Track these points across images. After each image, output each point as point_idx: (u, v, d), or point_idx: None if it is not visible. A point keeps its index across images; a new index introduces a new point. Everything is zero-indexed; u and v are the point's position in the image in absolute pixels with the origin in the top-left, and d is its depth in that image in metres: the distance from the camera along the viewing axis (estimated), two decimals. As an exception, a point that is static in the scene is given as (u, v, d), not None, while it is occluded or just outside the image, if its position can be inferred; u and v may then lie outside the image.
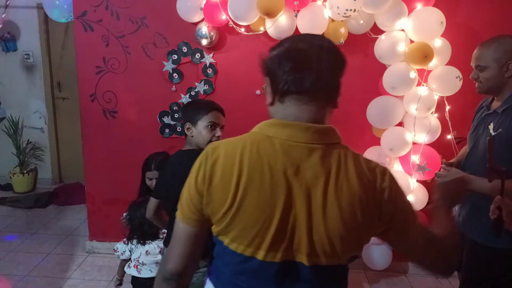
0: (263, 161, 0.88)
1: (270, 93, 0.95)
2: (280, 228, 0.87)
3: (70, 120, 4.40)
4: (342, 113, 2.77)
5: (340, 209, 0.87)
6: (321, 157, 0.88)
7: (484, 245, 1.67)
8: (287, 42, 0.94)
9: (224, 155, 0.91)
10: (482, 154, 1.69)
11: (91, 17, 2.79)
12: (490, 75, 1.66)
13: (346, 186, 0.88)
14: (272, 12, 2.30)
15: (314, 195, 0.87)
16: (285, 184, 0.87)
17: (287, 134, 0.89)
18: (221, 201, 0.89)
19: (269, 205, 0.87)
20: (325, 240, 0.87)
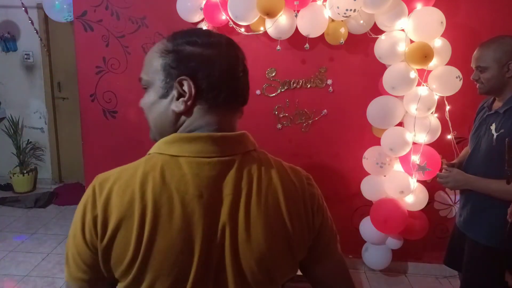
0: (171, 190, 0.70)
1: (192, 97, 0.74)
2: (202, 267, 0.71)
3: (70, 120, 4.41)
4: (342, 113, 2.79)
5: (267, 227, 0.73)
6: (239, 170, 0.74)
7: (485, 245, 1.67)
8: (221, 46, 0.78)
9: (117, 191, 0.71)
10: (483, 154, 1.69)
11: (91, 17, 2.79)
12: (490, 76, 1.66)
13: (272, 198, 0.75)
14: (272, 12, 2.30)
15: (237, 216, 0.72)
16: (202, 213, 0.71)
17: (195, 150, 0.72)
18: (123, 250, 0.70)
19: (185, 244, 0.70)
20: (255, 268, 0.73)
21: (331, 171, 2.87)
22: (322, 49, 2.67)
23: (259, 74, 2.75)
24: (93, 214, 0.71)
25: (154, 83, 0.78)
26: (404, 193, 2.52)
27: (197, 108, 0.76)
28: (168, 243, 0.70)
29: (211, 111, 0.76)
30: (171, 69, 0.75)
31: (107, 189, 0.72)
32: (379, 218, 2.60)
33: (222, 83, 0.75)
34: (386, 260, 2.80)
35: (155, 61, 0.78)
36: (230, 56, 0.78)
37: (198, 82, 0.74)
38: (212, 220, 0.72)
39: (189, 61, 0.74)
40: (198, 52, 0.75)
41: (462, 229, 1.83)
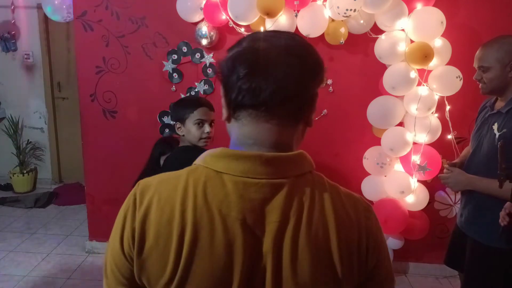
0: (212, 210, 0.65)
1: (225, 106, 0.71)
2: None
3: (70, 120, 4.40)
4: (342, 113, 2.78)
5: (315, 263, 0.66)
6: (289, 195, 0.66)
7: (486, 245, 1.67)
8: (246, 41, 0.70)
9: (158, 203, 0.67)
10: (485, 154, 1.69)
11: (91, 17, 2.78)
12: (493, 76, 1.65)
13: (322, 231, 0.67)
14: (272, 12, 2.30)
15: (284, 247, 0.65)
16: (244, 239, 0.64)
17: (242, 169, 0.66)
18: (159, 271, 0.65)
19: (225, 269, 0.64)
20: None
21: (331, 171, 2.87)
22: (322, 49, 2.67)
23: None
24: (132, 226, 0.67)
25: None
26: (404, 193, 2.52)
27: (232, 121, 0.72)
28: (207, 269, 0.64)
29: (239, 119, 0.70)
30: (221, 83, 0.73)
31: (147, 201, 0.67)
32: (380, 219, 2.58)
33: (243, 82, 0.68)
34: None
35: None
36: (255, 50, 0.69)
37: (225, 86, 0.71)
38: (254, 249, 0.65)
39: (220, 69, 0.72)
40: (225, 58, 0.72)
41: (463, 229, 1.82)
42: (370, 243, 0.70)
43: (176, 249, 0.64)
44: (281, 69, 0.66)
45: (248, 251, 0.65)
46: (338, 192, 0.72)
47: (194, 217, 0.64)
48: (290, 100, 0.67)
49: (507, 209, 1.31)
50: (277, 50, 0.67)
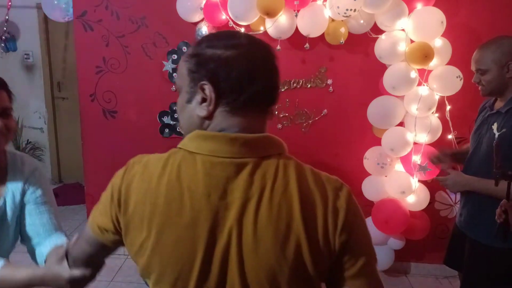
0: (182, 187, 0.71)
1: (213, 102, 0.74)
2: (205, 268, 0.71)
3: (70, 120, 4.40)
4: (342, 113, 2.78)
5: (277, 238, 0.69)
6: (252, 174, 0.71)
7: (486, 244, 1.67)
8: (241, 47, 0.75)
9: (141, 175, 0.76)
10: (485, 154, 1.69)
11: (91, 17, 2.78)
12: (491, 78, 1.66)
13: (285, 208, 0.70)
14: (272, 12, 2.30)
15: (245, 221, 0.69)
16: (209, 212, 0.70)
17: (210, 149, 0.72)
18: (137, 234, 0.74)
19: (190, 241, 0.70)
20: (263, 279, 0.69)
21: (332, 171, 2.82)
22: (322, 49, 2.67)
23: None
24: (120, 187, 0.77)
25: (182, 88, 0.79)
26: (405, 193, 2.52)
27: (219, 111, 0.74)
28: (175, 238, 0.71)
29: (233, 114, 0.74)
30: (193, 73, 0.76)
31: (134, 171, 0.77)
32: (381, 219, 2.59)
33: (243, 84, 0.73)
34: (388, 260, 2.79)
35: (182, 67, 0.79)
36: (251, 56, 0.75)
37: (219, 85, 0.73)
38: (218, 222, 0.70)
39: (208, 64, 0.74)
40: (217, 54, 0.74)
41: (462, 228, 1.82)
42: (339, 221, 0.72)
43: (149, 218, 0.72)
44: (269, 74, 0.78)
45: (212, 226, 0.70)
46: (305, 173, 0.75)
47: (166, 191, 0.72)
48: (270, 100, 0.78)
49: (503, 207, 1.32)
50: (262, 59, 0.77)
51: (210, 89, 0.73)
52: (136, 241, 0.74)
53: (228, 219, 0.70)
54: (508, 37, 1.68)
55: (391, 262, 2.80)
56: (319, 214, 0.71)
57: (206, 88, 0.74)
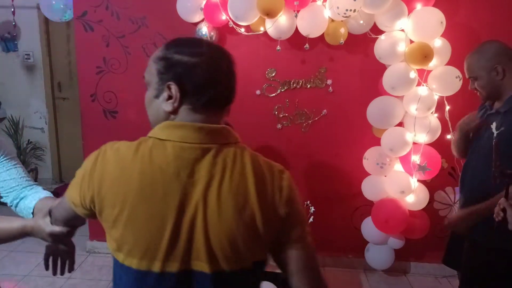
0: (154, 167, 0.83)
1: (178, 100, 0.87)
2: (174, 236, 0.83)
3: (71, 120, 4.40)
4: (342, 114, 2.79)
5: (236, 208, 0.83)
6: (215, 157, 0.85)
7: (484, 244, 1.67)
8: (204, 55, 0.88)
9: (115, 157, 0.87)
10: (484, 153, 1.70)
11: (91, 17, 2.79)
12: (483, 84, 1.70)
13: (242, 184, 0.85)
14: (272, 12, 2.31)
15: (210, 195, 0.83)
16: (179, 188, 0.83)
17: (180, 136, 0.85)
18: (110, 207, 0.85)
19: (161, 214, 0.82)
20: (225, 242, 0.83)
21: (332, 171, 2.87)
22: (322, 49, 2.68)
23: (259, 74, 2.75)
24: (93, 170, 0.88)
25: (151, 84, 0.92)
26: (405, 193, 2.52)
27: (183, 108, 0.88)
28: (148, 212, 0.83)
29: (195, 111, 0.88)
30: (162, 74, 0.88)
31: (108, 154, 0.88)
32: (380, 219, 2.60)
33: (205, 87, 0.87)
34: (388, 260, 2.80)
35: (152, 65, 0.91)
36: (213, 64, 0.88)
37: (184, 86, 0.86)
38: (186, 196, 0.83)
39: (175, 67, 0.87)
40: (184, 60, 0.87)
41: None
42: (283, 196, 0.88)
43: (123, 195, 0.83)
44: (227, 79, 0.90)
45: (181, 200, 0.83)
46: (257, 159, 0.91)
47: (140, 172, 0.83)
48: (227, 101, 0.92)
49: (501, 205, 1.33)
50: (222, 66, 0.89)
51: (176, 89, 0.86)
52: (110, 217, 0.85)
53: (195, 194, 0.84)
54: (491, 41, 1.73)
55: (392, 261, 2.81)
56: (269, 189, 0.87)
57: (172, 88, 0.86)
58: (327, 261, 3.01)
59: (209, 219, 0.83)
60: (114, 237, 0.86)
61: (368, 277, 2.94)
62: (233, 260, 0.85)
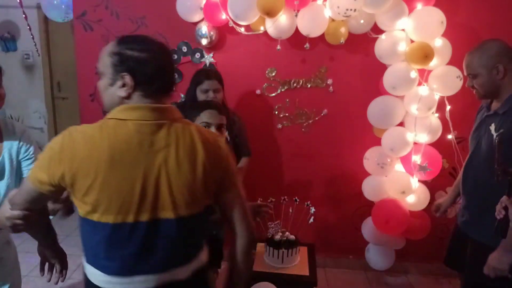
0: (121, 141, 1.04)
1: (129, 87, 1.07)
2: (143, 193, 1.05)
3: (70, 120, 4.40)
4: (342, 113, 2.78)
5: (190, 165, 1.09)
6: (169, 129, 1.09)
7: (488, 245, 1.66)
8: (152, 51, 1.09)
9: (83, 137, 1.04)
10: (484, 155, 1.69)
11: (91, 17, 2.78)
12: (482, 82, 1.68)
13: (193, 147, 1.10)
14: (272, 12, 2.30)
15: (169, 159, 1.07)
16: (143, 156, 1.05)
17: (138, 115, 1.07)
18: (84, 178, 1.02)
19: (131, 177, 1.04)
20: (185, 192, 1.08)
21: (332, 171, 2.87)
22: (323, 49, 2.67)
23: (259, 74, 2.75)
24: (62, 150, 1.04)
25: (105, 74, 1.10)
26: (405, 193, 2.52)
27: (136, 94, 1.09)
28: (120, 176, 1.03)
29: (146, 96, 1.09)
30: (116, 66, 1.07)
31: (74, 135, 1.05)
32: (381, 219, 2.59)
33: (154, 78, 1.08)
34: (389, 260, 2.79)
35: (106, 60, 1.09)
36: (159, 58, 1.10)
37: (136, 77, 1.07)
38: (150, 161, 1.06)
39: (128, 61, 1.07)
40: (135, 55, 1.07)
41: (464, 229, 1.82)
42: (222, 154, 1.17)
43: (96, 166, 1.02)
44: (170, 71, 1.14)
45: (146, 165, 1.05)
46: (199, 129, 1.17)
47: (108, 145, 1.03)
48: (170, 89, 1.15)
49: (503, 203, 1.32)
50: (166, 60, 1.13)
51: (130, 78, 1.07)
52: (83, 186, 1.02)
53: (157, 159, 1.06)
54: (494, 40, 1.71)
55: (392, 261, 2.80)
56: (212, 149, 1.14)
57: (126, 78, 1.07)
58: (327, 261, 3.00)
59: (170, 176, 1.07)
60: (89, 201, 1.03)
61: (368, 277, 2.93)
62: (191, 206, 1.10)
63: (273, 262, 2.28)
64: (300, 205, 2.32)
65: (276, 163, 2.84)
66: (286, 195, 2.37)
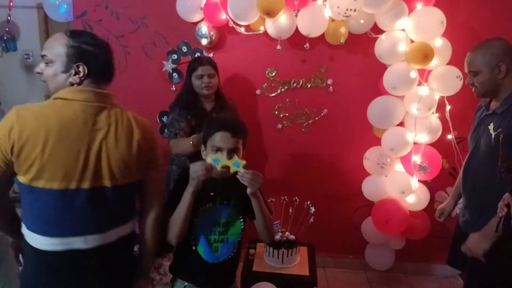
0: (68, 118, 1.21)
1: (84, 75, 1.26)
2: (86, 163, 1.23)
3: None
4: (342, 113, 2.78)
5: (127, 142, 1.30)
6: (110, 112, 1.29)
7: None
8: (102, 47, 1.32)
9: (32, 115, 1.19)
10: (483, 154, 1.69)
11: (91, 17, 2.78)
12: (483, 79, 1.68)
13: (129, 127, 1.32)
14: (272, 12, 2.30)
15: (109, 136, 1.26)
16: (87, 132, 1.23)
17: (84, 97, 1.25)
18: (32, 149, 1.17)
19: (75, 150, 1.21)
20: (121, 164, 1.28)
21: (332, 171, 2.87)
22: (323, 49, 2.67)
23: (259, 74, 2.75)
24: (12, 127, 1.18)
25: (57, 62, 1.26)
26: (405, 193, 2.52)
27: (86, 81, 1.28)
28: (65, 149, 1.20)
29: (94, 83, 1.29)
30: (72, 56, 1.25)
31: (23, 113, 1.20)
32: (381, 219, 2.59)
33: (104, 69, 1.32)
34: (389, 260, 2.79)
35: (59, 48, 1.26)
36: (108, 53, 1.33)
37: (90, 67, 1.27)
38: (93, 137, 1.24)
39: (85, 55, 1.26)
40: (90, 50, 1.27)
41: (464, 229, 1.82)
42: (153, 143, 1.41)
43: (44, 138, 1.18)
44: (113, 63, 1.36)
45: (89, 140, 1.24)
46: (135, 114, 1.39)
47: (57, 121, 1.20)
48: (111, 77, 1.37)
49: (505, 200, 1.32)
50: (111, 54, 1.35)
51: (84, 68, 1.26)
52: (31, 155, 1.17)
53: (99, 135, 1.25)
54: (498, 39, 1.70)
55: (392, 261, 2.80)
56: (147, 133, 1.37)
57: (81, 67, 1.26)
58: (327, 261, 3.00)
59: (109, 150, 1.26)
60: (34, 169, 1.18)
61: (368, 277, 2.93)
62: (125, 177, 1.31)
63: (273, 262, 2.28)
64: (300, 205, 2.32)
65: (276, 163, 2.84)
66: (286, 195, 2.37)
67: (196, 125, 2.28)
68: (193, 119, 2.30)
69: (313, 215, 2.30)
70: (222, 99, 2.45)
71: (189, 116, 2.30)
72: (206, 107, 2.40)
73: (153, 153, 1.39)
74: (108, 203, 1.28)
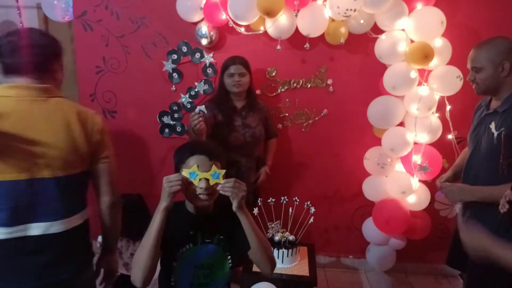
0: (5, 113, 1.25)
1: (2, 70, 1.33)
2: (22, 156, 1.26)
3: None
4: (342, 113, 2.78)
5: (66, 135, 1.32)
6: (45, 104, 1.32)
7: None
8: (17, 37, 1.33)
9: None
10: (484, 153, 1.69)
11: (91, 17, 2.78)
12: (486, 76, 1.68)
13: (68, 121, 1.34)
14: (272, 12, 2.30)
15: (45, 129, 1.30)
16: (24, 126, 1.27)
17: (15, 93, 1.30)
18: None
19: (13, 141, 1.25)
20: (60, 156, 1.31)
21: (332, 171, 2.87)
22: (322, 49, 2.67)
23: (259, 74, 2.74)
24: None
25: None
26: (406, 194, 2.52)
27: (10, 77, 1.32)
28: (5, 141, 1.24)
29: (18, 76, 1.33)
30: None
31: None
32: (381, 219, 2.59)
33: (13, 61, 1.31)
34: (389, 260, 2.79)
35: None
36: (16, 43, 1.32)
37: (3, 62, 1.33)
38: (30, 131, 1.28)
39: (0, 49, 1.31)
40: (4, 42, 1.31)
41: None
42: (95, 128, 1.42)
43: None
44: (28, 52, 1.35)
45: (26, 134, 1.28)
46: (78, 105, 1.43)
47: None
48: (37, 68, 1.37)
49: (507, 197, 1.32)
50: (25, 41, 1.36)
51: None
52: None
53: (35, 128, 1.29)
54: (504, 37, 1.71)
55: (393, 262, 2.80)
56: (88, 124, 1.40)
57: None
58: (327, 261, 3.00)
59: (48, 144, 1.29)
60: None
61: (369, 277, 2.93)
62: (66, 168, 1.33)
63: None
64: (300, 205, 2.32)
65: (276, 163, 2.84)
66: (286, 195, 2.37)
67: (223, 120, 2.42)
68: (220, 113, 2.42)
69: (313, 215, 2.30)
70: (254, 99, 2.54)
71: (216, 110, 2.42)
72: (237, 105, 2.49)
73: (97, 146, 1.41)
74: (50, 193, 1.31)
